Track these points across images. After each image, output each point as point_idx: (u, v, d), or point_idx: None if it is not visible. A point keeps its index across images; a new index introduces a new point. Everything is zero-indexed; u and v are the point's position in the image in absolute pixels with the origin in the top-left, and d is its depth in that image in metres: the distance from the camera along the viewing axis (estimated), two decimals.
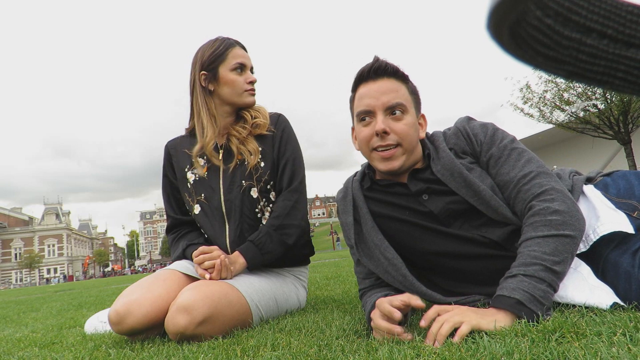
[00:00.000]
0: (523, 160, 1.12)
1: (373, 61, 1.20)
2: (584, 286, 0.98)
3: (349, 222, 1.27)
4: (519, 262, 0.97)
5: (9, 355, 1.43)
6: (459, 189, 1.14)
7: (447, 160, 1.17)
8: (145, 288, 1.36)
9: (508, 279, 0.96)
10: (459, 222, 1.16)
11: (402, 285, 1.19)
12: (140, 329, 1.30)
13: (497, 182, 1.14)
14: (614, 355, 0.64)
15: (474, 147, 1.19)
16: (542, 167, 1.11)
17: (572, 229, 0.98)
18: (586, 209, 1.09)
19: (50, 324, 2.41)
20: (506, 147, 1.15)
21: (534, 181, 1.07)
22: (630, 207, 1.06)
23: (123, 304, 1.30)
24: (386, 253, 1.20)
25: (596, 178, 1.21)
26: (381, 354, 0.82)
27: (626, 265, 0.96)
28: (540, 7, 0.27)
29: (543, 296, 0.92)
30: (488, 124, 1.22)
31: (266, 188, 1.60)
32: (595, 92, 13.02)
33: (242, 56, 1.64)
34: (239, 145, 1.59)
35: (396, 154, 1.17)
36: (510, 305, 0.90)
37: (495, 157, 1.15)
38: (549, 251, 0.95)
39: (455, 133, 1.23)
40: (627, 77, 0.30)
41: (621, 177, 1.16)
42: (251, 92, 1.64)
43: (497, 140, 1.17)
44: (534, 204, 1.04)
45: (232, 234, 1.57)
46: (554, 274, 0.94)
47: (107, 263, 78.07)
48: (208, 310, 1.25)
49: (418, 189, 1.20)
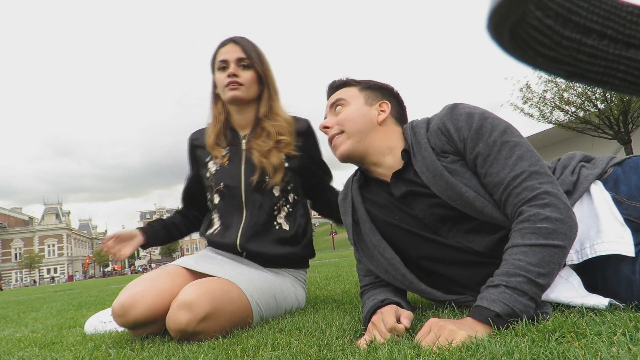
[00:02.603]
0: (514, 158, 1.02)
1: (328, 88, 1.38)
2: (573, 294, 0.97)
3: (349, 223, 1.29)
4: (502, 270, 0.93)
5: (9, 355, 1.43)
6: (442, 192, 1.09)
7: (428, 161, 1.11)
8: (149, 281, 1.36)
9: (490, 289, 0.92)
10: (447, 227, 1.13)
11: (402, 284, 1.19)
12: (143, 321, 1.30)
13: (486, 183, 1.06)
14: (614, 355, 0.64)
15: (456, 145, 1.10)
16: (535, 165, 1.01)
17: (562, 238, 0.93)
18: (587, 215, 1.03)
19: (50, 324, 2.41)
20: (495, 142, 1.05)
21: (526, 183, 0.99)
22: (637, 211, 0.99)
23: (127, 297, 1.31)
24: (385, 253, 1.20)
25: (607, 170, 1.10)
26: (381, 354, 0.82)
27: (626, 271, 0.94)
28: (540, 7, 0.27)
29: (523, 310, 0.89)
30: (475, 112, 1.10)
31: (287, 188, 1.64)
32: (595, 92, 13.01)
33: (225, 52, 1.59)
34: (260, 159, 1.58)
35: (339, 140, 1.25)
36: (488, 317, 0.88)
37: (484, 156, 1.05)
38: (534, 262, 0.91)
39: (436, 132, 1.14)
40: (627, 77, 0.30)
41: (634, 169, 1.06)
42: (230, 87, 1.57)
43: (485, 135, 1.06)
44: (524, 209, 0.97)
45: (245, 225, 1.59)
46: (538, 286, 0.91)
47: (107, 263, 78.00)
48: (210, 307, 1.25)
49: (402, 193, 1.18)
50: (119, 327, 1.74)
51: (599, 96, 13.03)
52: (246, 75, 1.59)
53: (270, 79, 1.65)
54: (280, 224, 1.63)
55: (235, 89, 1.57)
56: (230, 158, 1.64)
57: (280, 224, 1.62)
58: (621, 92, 0.31)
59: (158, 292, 1.33)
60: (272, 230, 1.61)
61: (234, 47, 1.60)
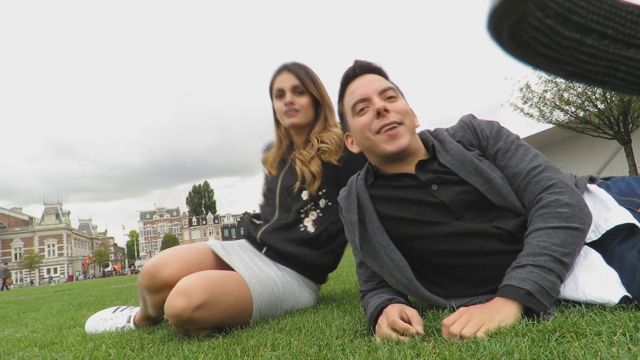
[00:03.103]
0: (531, 155, 1.13)
1: (354, 62, 1.26)
2: (594, 275, 0.97)
3: (353, 221, 1.24)
4: (527, 252, 0.97)
5: (9, 355, 1.43)
6: (470, 177, 1.14)
7: (456, 151, 1.18)
8: (181, 250, 1.52)
9: (516, 269, 0.95)
10: (471, 215, 1.14)
11: (406, 289, 1.16)
12: (171, 282, 1.37)
13: (505, 174, 1.14)
14: (614, 355, 0.64)
15: (480, 141, 1.20)
16: (549, 163, 1.12)
17: (581, 222, 0.99)
18: (592, 203, 1.10)
19: (50, 324, 2.41)
20: (513, 142, 1.17)
21: (543, 174, 1.08)
22: (633, 204, 1.07)
23: (160, 257, 1.45)
24: (392, 255, 1.17)
25: (597, 179, 1.22)
26: (381, 354, 0.82)
27: (632, 259, 0.96)
28: (540, 7, 0.27)
29: (552, 287, 0.91)
30: (493, 121, 1.24)
31: (317, 194, 1.69)
32: (595, 92, 13.02)
33: (281, 81, 1.72)
34: (301, 167, 1.68)
35: (400, 131, 1.17)
36: (519, 296, 0.90)
37: (503, 150, 1.16)
38: (558, 242, 0.96)
39: (462, 127, 1.24)
40: (627, 77, 0.30)
41: (621, 180, 1.19)
42: (288, 114, 1.70)
43: (504, 136, 1.19)
44: (543, 196, 1.04)
45: (274, 223, 1.71)
46: (563, 265, 0.94)
47: (107, 263, 78.03)
48: (206, 295, 1.28)
49: (427, 178, 1.19)
50: (119, 325, 1.75)
51: (599, 96, 13.04)
52: (302, 101, 1.70)
53: (325, 100, 1.75)
54: (306, 226, 1.68)
55: (293, 116, 1.70)
56: (279, 167, 1.80)
57: (306, 227, 1.68)
58: (621, 92, 0.31)
59: (188, 259, 1.46)
60: (296, 231, 1.68)
61: (288, 76, 1.71)
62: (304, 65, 1.75)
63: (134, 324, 1.75)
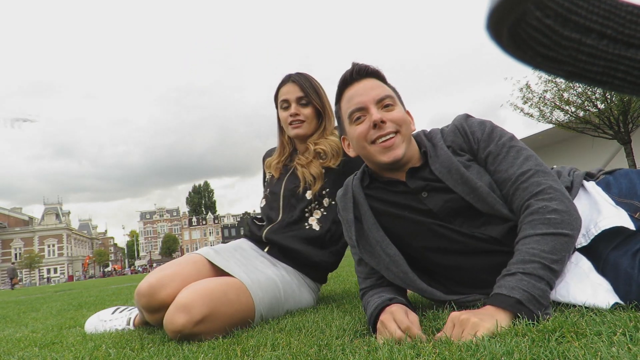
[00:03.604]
0: (521, 158, 1.12)
1: (352, 66, 1.25)
2: (585, 283, 0.98)
3: (350, 219, 1.28)
4: (517, 259, 0.97)
5: (9, 355, 1.43)
6: (456, 186, 1.14)
7: (444, 158, 1.18)
8: (176, 267, 1.46)
9: (506, 277, 0.95)
10: (459, 221, 1.16)
11: (403, 283, 1.19)
12: (169, 303, 1.33)
13: (495, 179, 1.14)
14: (614, 355, 0.64)
15: (471, 145, 1.19)
16: (541, 166, 1.11)
17: (570, 228, 0.99)
18: (587, 203, 1.09)
19: (50, 324, 2.41)
20: (504, 144, 1.15)
21: (532, 179, 1.07)
22: (632, 207, 1.05)
23: (156, 278, 1.39)
24: (387, 249, 1.20)
25: (598, 175, 1.20)
26: (381, 354, 0.82)
27: (626, 267, 0.95)
28: (539, 7, 0.27)
29: (542, 295, 0.92)
30: (486, 121, 1.22)
31: (321, 193, 1.73)
32: (595, 92, 13.02)
33: (286, 93, 1.77)
34: (302, 170, 1.74)
35: (396, 141, 1.18)
36: (510, 305, 0.90)
37: (494, 154, 1.15)
38: (547, 249, 0.96)
39: (452, 131, 1.23)
40: (626, 77, 0.30)
41: (623, 175, 1.16)
42: (293, 125, 1.75)
43: (496, 138, 1.17)
44: (532, 202, 1.04)
45: (278, 223, 1.73)
46: (552, 272, 0.94)
47: (107, 263, 77.98)
48: (207, 309, 1.26)
49: (417, 186, 1.20)
50: (119, 328, 1.74)
51: (599, 96, 13.03)
52: (306, 112, 1.76)
53: (327, 111, 1.80)
54: (311, 224, 1.72)
55: (297, 127, 1.76)
56: (281, 172, 1.84)
57: (310, 225, 1.72)
58: (621, 92, 0.31)
59: (185, 276, 1.41)
60: (302, 229, 1.71)
61: (292, 87, 1.76)
62: (308, 76, 1.80)
63: (134, 326, 1.74)
